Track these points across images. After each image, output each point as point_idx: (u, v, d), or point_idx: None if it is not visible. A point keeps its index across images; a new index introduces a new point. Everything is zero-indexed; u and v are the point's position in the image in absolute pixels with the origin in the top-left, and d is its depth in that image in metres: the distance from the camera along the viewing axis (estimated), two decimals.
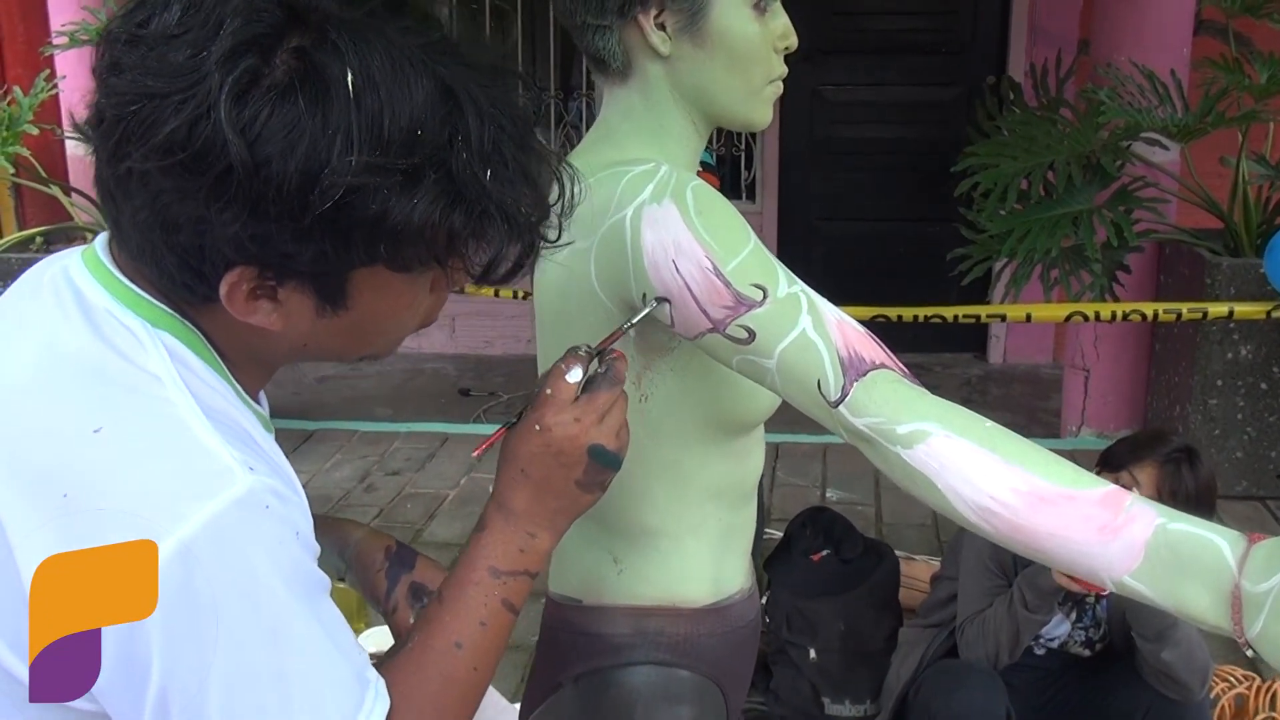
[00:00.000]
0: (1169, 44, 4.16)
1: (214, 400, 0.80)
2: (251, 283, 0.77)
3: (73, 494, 0.73)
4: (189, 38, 0.72)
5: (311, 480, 4.30)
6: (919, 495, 0.96)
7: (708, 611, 1.23)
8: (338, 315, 0.80)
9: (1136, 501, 0.89)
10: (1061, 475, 0.92)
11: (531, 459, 0.96)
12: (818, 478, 4.22)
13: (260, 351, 0.85)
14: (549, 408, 0.96)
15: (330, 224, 0.73)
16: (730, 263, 1.02)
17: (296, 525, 0.79)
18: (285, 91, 0.71)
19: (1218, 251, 4.02)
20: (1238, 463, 4.04)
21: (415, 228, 0.75)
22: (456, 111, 0.75)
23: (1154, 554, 0.87)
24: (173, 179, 0.72)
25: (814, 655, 2.77)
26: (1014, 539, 0.92)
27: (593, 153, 1.18)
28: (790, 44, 1.18)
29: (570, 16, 1.17)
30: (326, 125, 0.71)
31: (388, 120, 0.73)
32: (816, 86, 5.43)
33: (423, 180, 0.74)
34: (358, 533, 1.13)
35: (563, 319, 1.16)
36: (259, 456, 0.79)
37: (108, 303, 0.80)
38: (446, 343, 5.93)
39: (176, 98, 0.71)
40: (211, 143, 0.70)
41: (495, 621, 0.92)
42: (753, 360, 1.02)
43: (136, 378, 0.77)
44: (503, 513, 0.96)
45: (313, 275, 0.77)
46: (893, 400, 0.97)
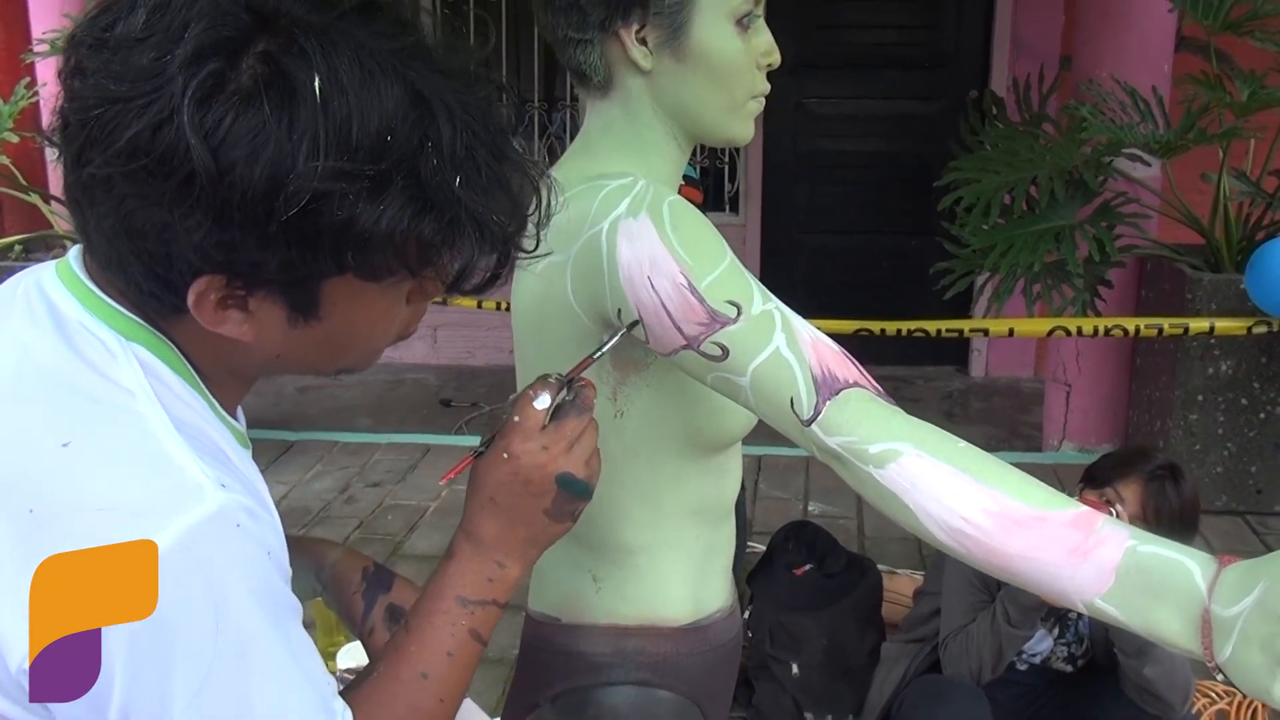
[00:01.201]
0: (1150, 61, 4.18)
1: (187, 415, 0.79)
2: (220, 292, 0.75)
3: (39, 509, 0.72)
4: (153, 41, 0.70)
5: (291, 491, 4.28)
6: (891, 515, 0.96)
7: (688, 631, 1.23)
8: (310, 326, 0.79)
9: (1107, 523, 0.89)
10: (1033, 496, 0.91)
11: (499, 487, 0.94)
12: (800, 491, 4.22)
13: (234, 363, 0.83)
14: (516, 435, 0.94)
15: (296, 231, 0.71)
16: (705, 279, 1.01)
17: (268, 545, 0.77)
18: (250, 96, 0.70)
19: (1199, 267, 4.04)
20: (1218, 478, 4.05)
21: (383, 235, 0.73)
22: (428, 117, 0.74)
23: (1124, 577, 0.86)
24: (136, 185, 0.71)
25: (796, 670, 2.76)
26: (985, 560, 0.91)
27: (573, 165, 1.18)
28: (773, 60, 1.17)
29: (552, 30, 1.16)
30: (292, 130, 0.70)
31: (355, 125, 0.71)
32: (800, 100, 5.44)
33: (390, 186, 0.72)
34: (334, 553, 1.12)
35: (539, 333, 1.15)
36: (232, 473, 0.78)
37: (80, 315, 0.79)
38: (428, 353, 5.91)
39: (139, 102, 0.70)
40: (174, 148, 0.69)
41: (462, 652, 0.91)
42: (726, 377, 1.01)
43: (108, 391, 0.76)
44: (471, 541, 0.95)
45: (282, 284, 0.75)
46: (865, 419, 0.96)
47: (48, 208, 4.58)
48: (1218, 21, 3.85)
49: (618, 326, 1.04)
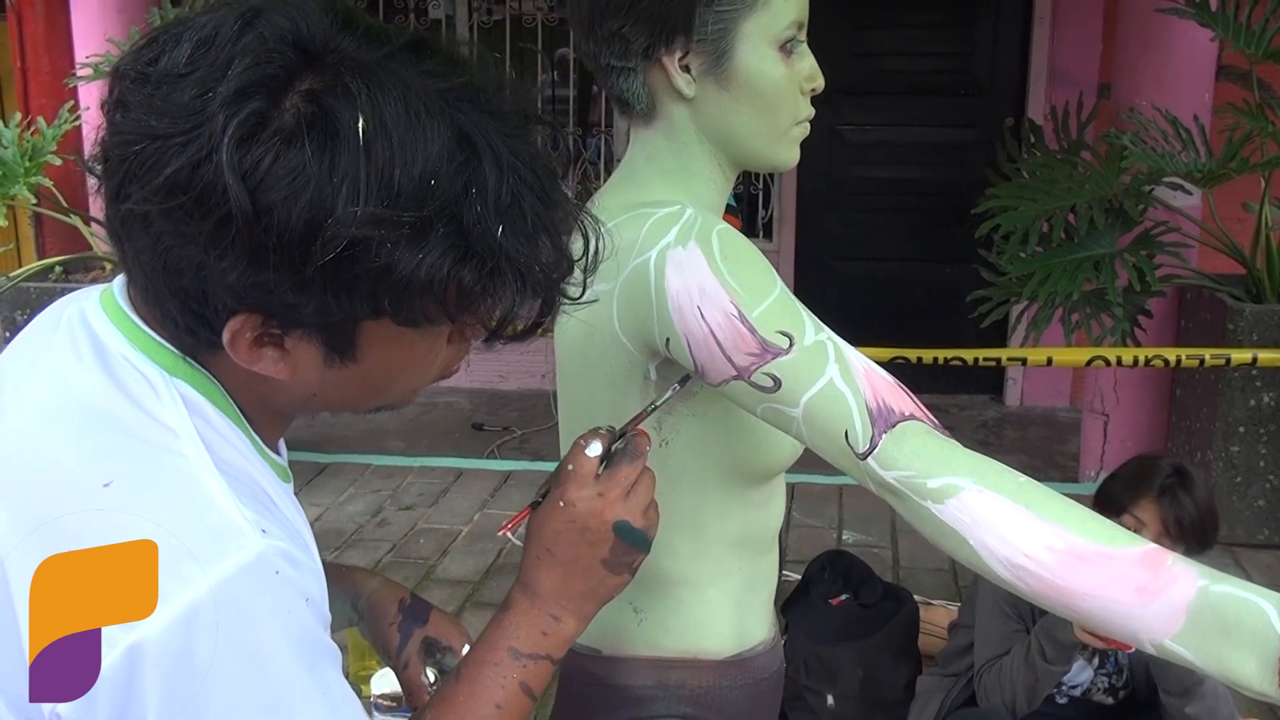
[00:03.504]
0: (1191, 89, 4.15)
1: (230, 455, 0.78)
2: (255, 330, 0.74)
3: (70, 547, 0.71)
4: (196, 77, 0.69)
5: (325, 513, 4.28)
6: (950, 551, 0.94)
7: (730, 663, 1.21)
8: (347, 367, 0.77)
9: (1177, 561, 0.87)
10: (1098, 533, 0.89)
11: (556, 537, 0.93)
12: (834, 519, 4.19)
13: (270, 401, 0.82)
14: (571, 483, 0.93)
15: (333, 275, 0.70)
16: (756, 309, 1.00)
17: (307, 591, 0.76)
18: (292, 137, 0.68)
19: (1240, 297, 3.99)
20: (1260, 511, 3.99)
21: (422, 282, 0.71)
22: (473, 162, 0.72)
23: (1196, 617, 0.84)
24: (173, 222, 0.70)
25: (831, 702, 2.73)
26: (1048, 598, 0.90)
27: (617, 194, 1.17)
28: (817, 85, 1.16)
29: (594, 59, 1.15)
30: (333, 173, 0.68)
31: (398, 170, 0.69)
32: (835, 126, 5.43)
33: (431, 233, 0.70)
34: (371, 583, 1.11)
35: (584, 364, 1.14)
36: (272, 517, 0.77)
37: (124, 348, 0.78)
38: (460, 377, 5.88)
39: (179, 139, 0.69)
40: (212, 187, 0.68)
41: (511, 705, 0.90)
42: (778, 409, 1.00)
43: (151, 429, 0.75)
44: (527, 594, 0.94)
45: (319, 326, 0.74)
46: (923, 453, 0.95)
47: (88, 229, 4.63)
48: (1259, 51, 3.81)
49: (674, 384, 1.04)
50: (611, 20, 1.11)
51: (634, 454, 0.96)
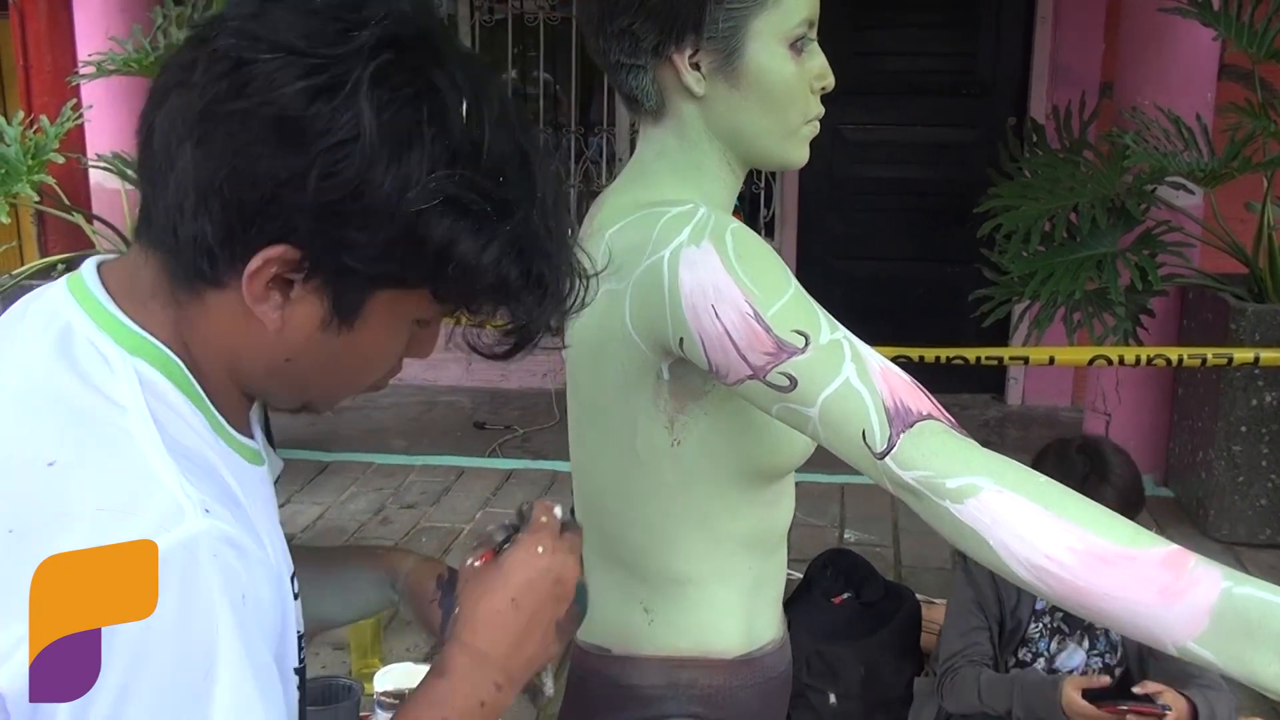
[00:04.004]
0: (1193, 89, 4.15)
1: (185, 435, 0.77)
2: (284, 267, 0.75)
3: (19, 529, 0.71)
4: (331, 15, 0.74)
5: (327, 512, 4.29)
6: (969, 551, 0.94)
7: (740, 662, 1.21)
8: (340, 335, 0.78)
9: (1200, 563, 0.87)
10: (1120, 534, 0.89)
11: (529, 586, 0.89)
12: (836, 518, 4.19)
13: (237, 364, 0.81)
14: (547, 533, 0.91)
15: (410, 227, 0.74)
16: (771, 308, 1.00)
17: (246, 587, 0.73)
18: (415, 96, 0.74)
19: (1242, 297, 3.99)
20: (1261, 510, 3.99)
21: (481, 265, 0.76)
22: (531, 174, 0.79)
23: (1220, 620, 0.84)
24: (284, 132, 0.72)
25: (834, 700, 2.74)
26: (1069, 599, 0.90)
27: (626, 192, 1.17)
28: (828, 84, 1.16)
29: (604, 56, 1.15)
30: (441, 136, 0.74)
31: (485, 154, 0.75)
32: (837, 126, 5.43)
33: (507, 219, 0.76)
34: (408, 563, 1.10)
35: (595, 361, 1.14)
36: (225, 500, 0.76)
37: (88, 329, 0.78)
38: (462, 376, 5.92)
39: (316, 60, 0.72)
40: (338, 111, 0.72)
41: None
42: (794, 408, 0.99)
43: (99, 407, 0.75)
44: (474, 656, 0.87)
45: (343, 279, 0.76)
46: (942, 453, 0.95)
47: (90, 227, 4.63)
48: (1261, 50, 3.82)
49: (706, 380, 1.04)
50: (621, 17, 1.11)
51: (578, 524, 0.95)
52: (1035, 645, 2.36)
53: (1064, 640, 2.35)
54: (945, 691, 2.35)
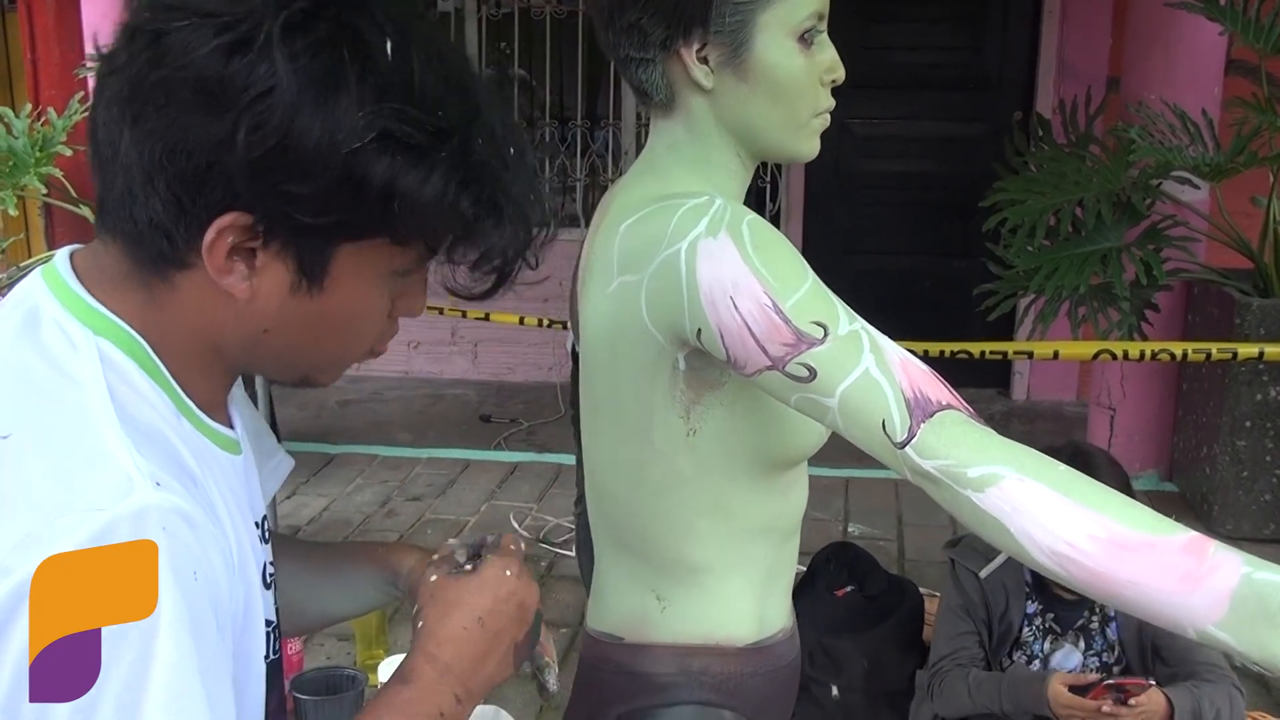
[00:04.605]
0: (1200, 83, 4.15)
1: (143, 412, 0.77)
2: (240, 234, 0.75)
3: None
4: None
5: (333, 504, 4.30)
6: (991, 540, 0.94)
7: (752, 650, 1.22)
8: (311, 296, 0.79)
9: (1219, 549, 0.88)
10: (1141, 521, 0.90)
11: (494, 607, 0.92)
12: (840, 512, 4.20)
13: (214, 341, 0.81)
14: (514, 559, 0.95)
15: (348, 169, 0.74)
16: (790, 299, 1.00)
17: (196, 564, 0.73)
18: (331, 40, 0.73)
19: (1247, 292, 3.99)
20: (1266, 505, 4.00)
21: (427, 198, 0.76)
22: (474, 106, 0.78)
23: (1240, 605, 0.85)
24: (205, 95, 0.72)
25: (836, 693, 2.74)
26: (1091, 586, 0.90)
27: (639, 185, 1.17)
28: (838, 77, 1.16)
29: (614, 50, 1.16)
30: (365, 75, 0.73)
31: (417, 88, 0.75)
32: (844, 120, 5.42)
33: (441, 151, 0.75)
34: (410, 559, 1.10)
35: (611, 355, 1.14)
36: (179, 476, 0.76)
37: (55, 311, 0.78)
38: (468, 369, 5.93)
39: (226, 18, 0.72)
40: (255, 66, 0.72)
41: None
42: (813, 399, 1.00)
43: (56, 383, 0.75)
44: (437, 667, 0.89)
45: (302, 239, 0.76)
46: (963, 442, 0.95)
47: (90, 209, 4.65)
48: (1268, 45, 3.82)
49: (723, 371, 1.06)
50: (630, 12, 1.12)
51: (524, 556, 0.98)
52: (1029, 648, 2.37)
53: (1058, 641, 2.35)
54: (934, 695, 2.36)
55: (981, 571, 2.35)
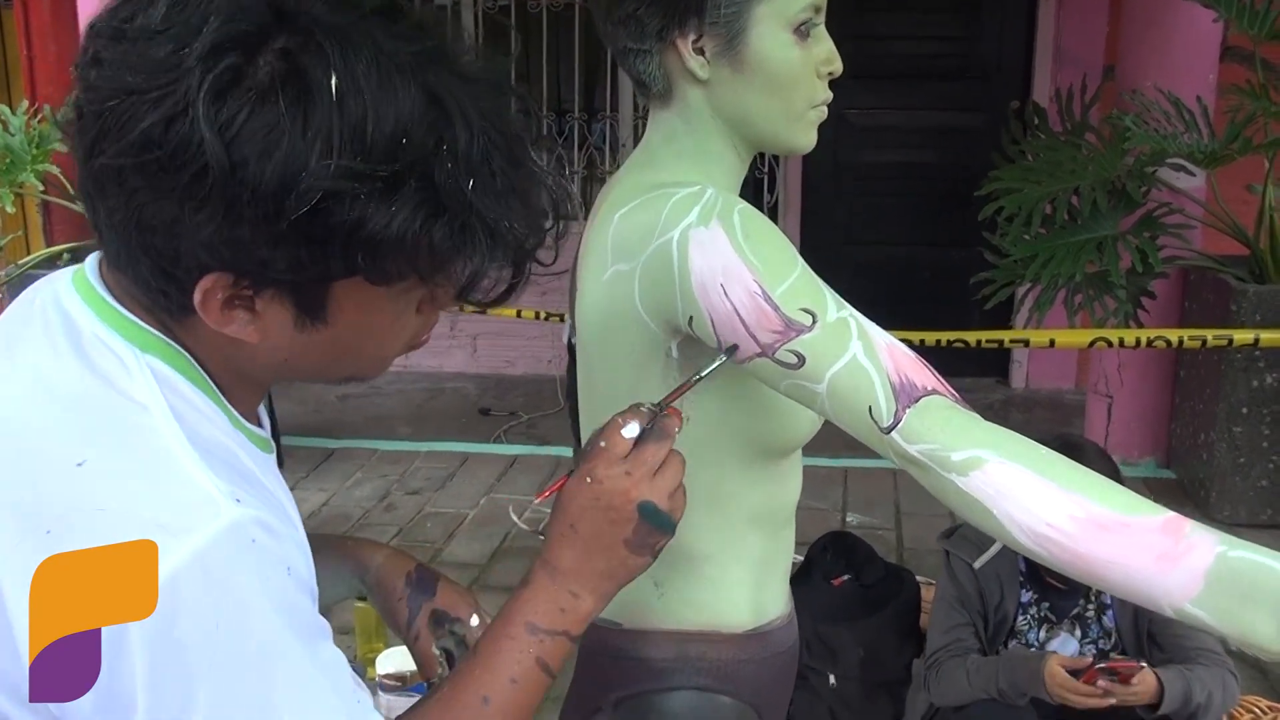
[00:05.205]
0: (1195, 70, 4.15)
1: (204, 427, 0.78)
2: (227, 291, 0.74)
3: (56, 530, 0.71)
4: (171, 34, 0.70)
5: (332, 498, 4.31)
6: (974, 522, 0.96)
7: (749, 637, 1.23)
8: (317, 329, 0.78)
9: (1196, 529, 0.89)
10: (1120, 502, 0.91)
11: (581, 513, 0.94)
12: (838, 502, 4.21)
13: (241, 367, 0.82)
14: (601, 460, 0.94)
15: (306, 230, 0.71)
16: (779, 287, 1.01)
17: (288, 560, 0.76)
18: (266, 93, 0.70)
19: (1243, 278, 4.00)
20: (1262, 491, 4.01)
21: (394, 238, 0.72)
22: (444, 121, 0.73)
23: (1215, 582, 0.86)
24: (147, 177, 0.71)
25: (833, 682, 2.76)
26: (1072, 565, 0.92)
27: (635, 175, 1.18)
28: (835, 69, 1.17)
29: (612, 40, 1.17)
30: (307, 128, 0.70)
31: (370, 126, 0.71)
32: (841, 111, 5.41)
33: (403, 188, 0.72)
34: (379, 556, 1.12)
35: (606, 342, 1.16)
36: (251, 486, 0.77)
37: (95, 327, 0.78)
38: (468, 362, 5.94)
39: (155, 94, 0.69)
40: (187, 141, 0.69)
41: (527, 680, 0.90)
42: (802, 385, 1.01)
43: (122, 407, 0.75)
44: (547, 569, 0.94)
45: (291, 285, 0.75)
46: (947, 427, 0.97)
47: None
48: (1263, 31, 3.82)
49: (715, 357, 1.04)
50: (628, 3, 1.13)
51: (661, 434, 0.95)
52: (1025, 637, 2.37)
53: (1053, 629, 2.37)
54: (931, 686, 2.37)
55: (976, 562, 2.36)
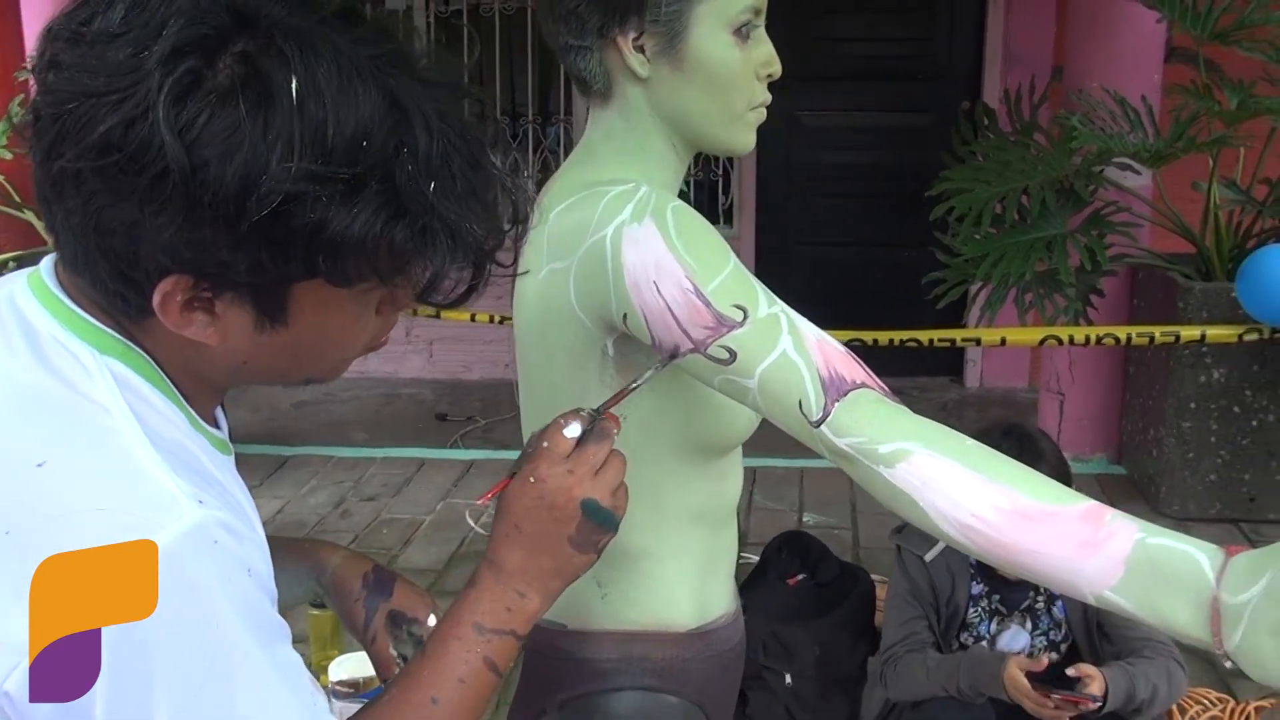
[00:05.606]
0: (1140, 70, 4.21)
1: (164, 429, 0.78)
2: (186, 293, 0.74)
3: (15, 530, 0.71)
4: (130, 37, 0.70)
5: (287, 506, 4.27)
6: (902, 514, 0.97)
7: (693, 636, 1.23)
8: (277, 331, 0.78)
9: (1116, 517, 0.90)
10: (1043, 492, 0.93)
11: (525, 513, 0.94)
12: (795, 502, 4.22)
13: (201, 369, 0.81)
14: (543, 460, 0.95)
15: (267, 232, 0.71)
16: (711, 283, 1.02)
17: (249, 562, 0.76)
18: (226, 96, 0.70)
19: (1190, 275, 4.05)
20: (1211, 485, 4.06)
21: (355, 240, 0.72)
22: (404, 124, 0.73)
23: (1134, 568, 0.87)
24: (107, 180, 0.70)
25: (790, 680, 2.77)
26: (996, 555, 0.93)
27: (574, 172, 1.18)
28: (774, 71, 1.18)
29: (554, 37, 1.17)
30: (267, 131, 0.70)
31: (331, 129, 0.71)
32: (794, 112, 5.46)
33: (364, 191, 0.72)
34: (335, 558, 1.12)
35: (543, 341, 1.16)
36: (212, 488, 0.77)
37: (54, 329, 0.78)
38: (424, 367, 5.91)
39: (114, 97, 0.69)
40: (147, 144, 0.69)
41: (475, 680, 0.90)
42: (734, 380, 1.02)
43: (82, 408, 0.75)
44: (493, 570, 0.95)
45: (251, 287, 0.75)
46: (874, 419, 0.97)
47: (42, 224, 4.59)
48: (1205, 31, 3.87)
49: (651, 355, 1.04)
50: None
51: (601, 434, 0.96)
52: (976, 629, 2.39)
53: (1004, 621, 2.39)
54: (888, 681, 2.38)
55: (926, 555, 2.38)
